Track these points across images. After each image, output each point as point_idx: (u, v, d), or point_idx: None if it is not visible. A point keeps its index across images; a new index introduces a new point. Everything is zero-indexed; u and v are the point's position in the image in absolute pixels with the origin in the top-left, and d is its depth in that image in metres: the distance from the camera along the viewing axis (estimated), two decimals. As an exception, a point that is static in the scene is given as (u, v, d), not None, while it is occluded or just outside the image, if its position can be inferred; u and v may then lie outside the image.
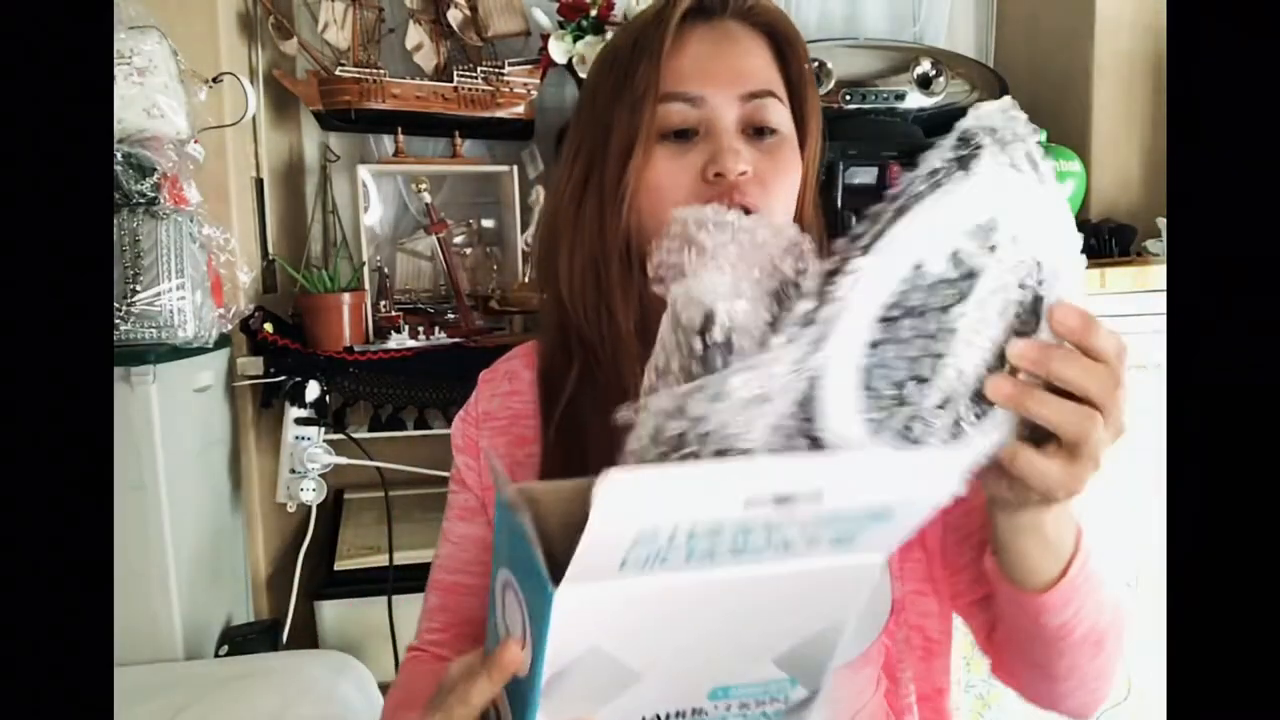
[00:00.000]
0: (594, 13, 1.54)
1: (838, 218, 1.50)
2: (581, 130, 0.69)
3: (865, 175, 1.53)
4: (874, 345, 0.42)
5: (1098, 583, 0.57)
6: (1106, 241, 1.52)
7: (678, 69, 0.64)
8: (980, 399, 0.45)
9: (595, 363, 0.67)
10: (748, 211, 0.62)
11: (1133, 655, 1.33)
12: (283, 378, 1.49)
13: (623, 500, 0.34)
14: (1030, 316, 0.45)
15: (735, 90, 0.64)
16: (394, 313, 1.63)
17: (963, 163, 0.43)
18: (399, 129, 1.61)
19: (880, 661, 0.70)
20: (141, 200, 1.22)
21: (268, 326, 1.49)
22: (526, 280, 1.63)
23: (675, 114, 0.64)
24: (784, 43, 0.68)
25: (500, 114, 1.63)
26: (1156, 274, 1.29)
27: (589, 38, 1.55)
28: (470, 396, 0.75)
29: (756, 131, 0.65)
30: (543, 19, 1.57)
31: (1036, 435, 0.46)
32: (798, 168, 0.67)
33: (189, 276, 1.24)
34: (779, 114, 0.66)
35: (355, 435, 1.54)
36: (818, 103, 0.70)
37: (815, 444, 0.42)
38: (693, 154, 0.64)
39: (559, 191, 0.70)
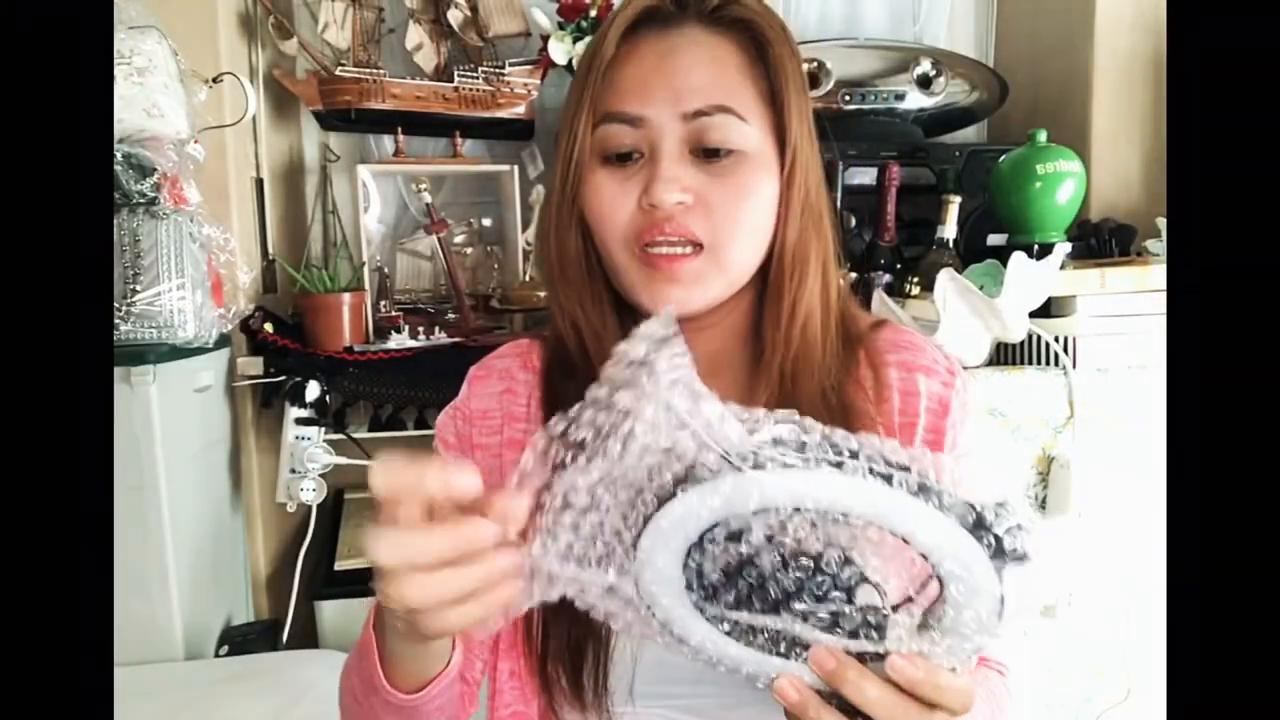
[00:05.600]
0: (593, 13, 1.55)
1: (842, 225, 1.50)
2: (556, 139, 0.66)
3: (865, 176, 1.53)
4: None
5: None
6: (1106, 241, 1.52)
7: (620, 85, 0.60)
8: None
9: (588, 377, 0.65)
10: (694, 245, 0.60)
11: (1133, 655, 1.33)
12: (283, 378, 1.49)
13: None
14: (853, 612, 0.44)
15: (677, 108, 0.59)
16: (394, 313, 1.63)
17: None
18: (399, 129, 1.61)
19: None
20: (141, 200, 1.22)
21: (268, 326, 1.49)
22: (527, 280, 1.63)
23: (614, 135, 0.60)
24: (761, 45, 0.61)
25: (500, 114, 1.63)
26: (1156, 274, 1.29)
27: (589, 38, 1.55)
28: (460, 392, 0.72)
29: (708, 151, 0.60)
30: (543, 19, 1.58)
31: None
32: (764, 189, 0.61)
33: (189, 276, 1.24)
34: (736, 131, 0.59)
35: (355, 435, 1.54)
36: (806, 111, 0.62)
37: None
38: (633, 179, 0.60)
39: (544, 200, 0.68)
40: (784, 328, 0.63)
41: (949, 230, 1.46)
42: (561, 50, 1.55)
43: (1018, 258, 1.24)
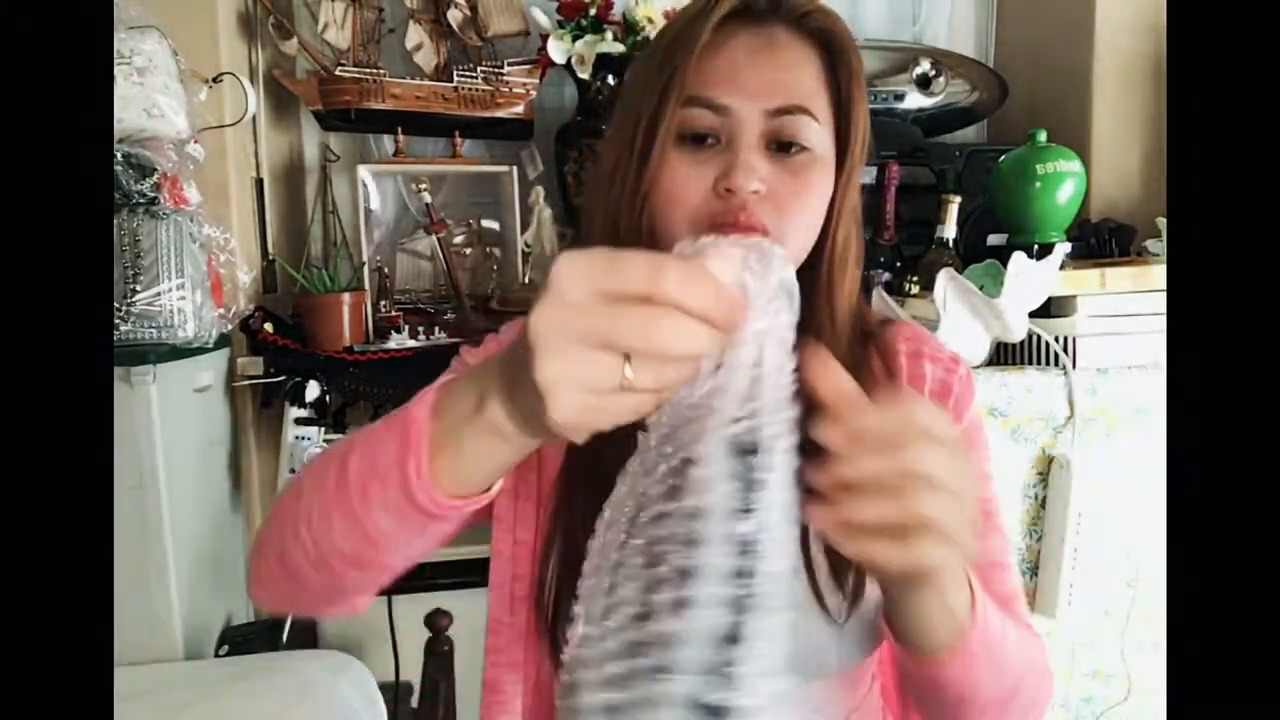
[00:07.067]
0: (593, 12, 1.54)
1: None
2: (617, 116, 0.67)
3: (865, 175, 1.53)
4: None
5: (999, 651, 0.56)
6: (1106, 241, 1.52)
7: (709, 72, 0.62)
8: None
9: None
10: (758, 233, 0.61)
11: (1133, 655, 1.33)
12: (283, 378, 1.49)
13: None
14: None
15: (763, 103, 0.62)
16: (394, 313, 1.63)
17: None
18: (399, 129, 1.61)
19: (874, 658, 0.69)
20: (141, 200, 1.22)
21: (268, 326, 1.49)
22: (526, 280, 1.63)
23: (696, 118, 0.62)
24: (836, 55, 0.65)
25: (500, 114, 1.63)
26: (1156, 274, 1.29)
27: (588, 37, 1.55)
28: (485, 339, 0.75)
29: (782, 146, 0.62)
30: (542, 19, 1.57)
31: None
32: (825, 189, 0.64)
33: (189, 276, 1.24)
34: (811, 131, 0.63)
35: (355, 435, 1.54)
36: (866, 121, 0.66)
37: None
38: (709, 163, 0.62)
39: (594, 175, 0.69)
40: (831, 323, 0.66)
41: (949, 230, 1.46)
42: (561, 49, 1.55)
43: (1018, 258, 1.24)
